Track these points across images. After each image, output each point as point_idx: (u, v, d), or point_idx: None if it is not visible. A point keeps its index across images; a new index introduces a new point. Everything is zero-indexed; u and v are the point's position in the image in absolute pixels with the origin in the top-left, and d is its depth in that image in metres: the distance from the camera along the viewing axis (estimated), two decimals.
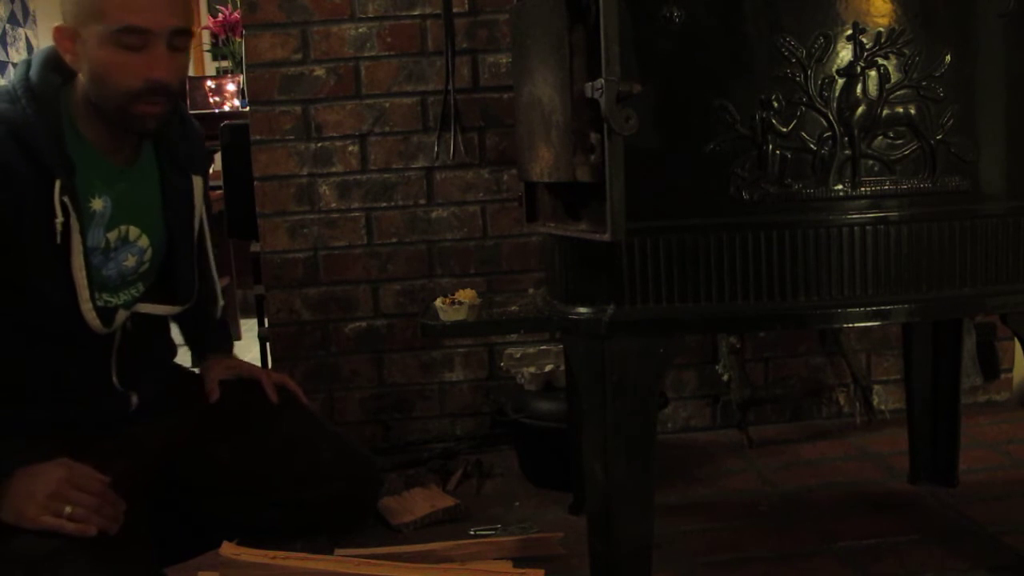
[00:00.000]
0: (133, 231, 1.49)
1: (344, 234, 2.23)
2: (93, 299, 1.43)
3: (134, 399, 1.56)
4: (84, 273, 1.39)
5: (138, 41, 1.31)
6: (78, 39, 1.34)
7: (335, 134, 2.21)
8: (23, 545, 1.28)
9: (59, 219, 1.34)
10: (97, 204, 1.43)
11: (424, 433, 2.29)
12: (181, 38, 1.37)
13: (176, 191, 1.55)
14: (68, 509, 1.29)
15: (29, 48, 4.87)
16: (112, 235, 1.47)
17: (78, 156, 1.39)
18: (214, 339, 1.78)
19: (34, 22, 5.26)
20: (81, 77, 1.38)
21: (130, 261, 1.50)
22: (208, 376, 1.68)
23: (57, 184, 1.34)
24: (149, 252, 1.53)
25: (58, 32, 1.35)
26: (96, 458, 1.40)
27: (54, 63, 1.41)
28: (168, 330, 1.71)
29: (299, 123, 2.20)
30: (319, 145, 2.21)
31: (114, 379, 1.53)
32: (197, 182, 1.58)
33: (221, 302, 1.79)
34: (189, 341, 1.81)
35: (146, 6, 1.30)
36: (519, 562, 1.56)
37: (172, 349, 1.74)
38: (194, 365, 1.78)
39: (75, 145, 1.40)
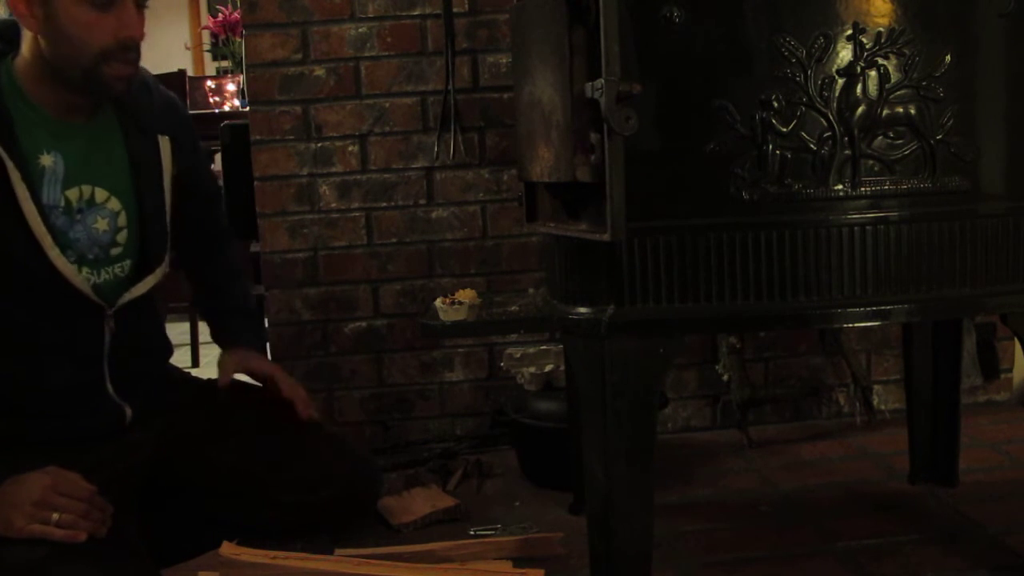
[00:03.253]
0: (100, 193, 1.48)
1: (344, 234, 2.23)
2: (65, 257, 1.41)
3: (128, 412, 1.54)
4: (40, 220, 1.38)
5: (110, 1, 1.35)
6: (36, 2, 1.34)
7: (335, 134, 2.21)
8: (15, 554, 1.27)
9: None
10: (46, 160, 1.41)
11: (424, 433, 2.29)
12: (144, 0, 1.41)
13: (141, 152, 1.53)
14: (55, 516, 1.28)
15: None
16: (72, 194, 1.45)
17: (20, 114, 1.39)
18: (238, 333, 1.75)
19: None
20: (38, 42, 1.38)
21: (101, 224, 1.48)
22: (222, 369, 1.67)
23: None
24: (123, 216, 1.51)
25: None
26: (87, 463, 1.40)
27: None
28: (161, 329, 1.70)
29: (299, 123, 2.20)
30: (319, 145, 2.21)
31: (108, 388, 1.51)
32: (164, 142, 1.56)
33: (241, 277, 1.79)
34: (215, 337, 1.79)
35: None
36: (519, 562, 1.56)
37: (167, 350, 1.72)
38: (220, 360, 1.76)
39: (17, 104, 1.40)
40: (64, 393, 1.47)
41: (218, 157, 2.54)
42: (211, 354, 3.63)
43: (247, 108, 2.24)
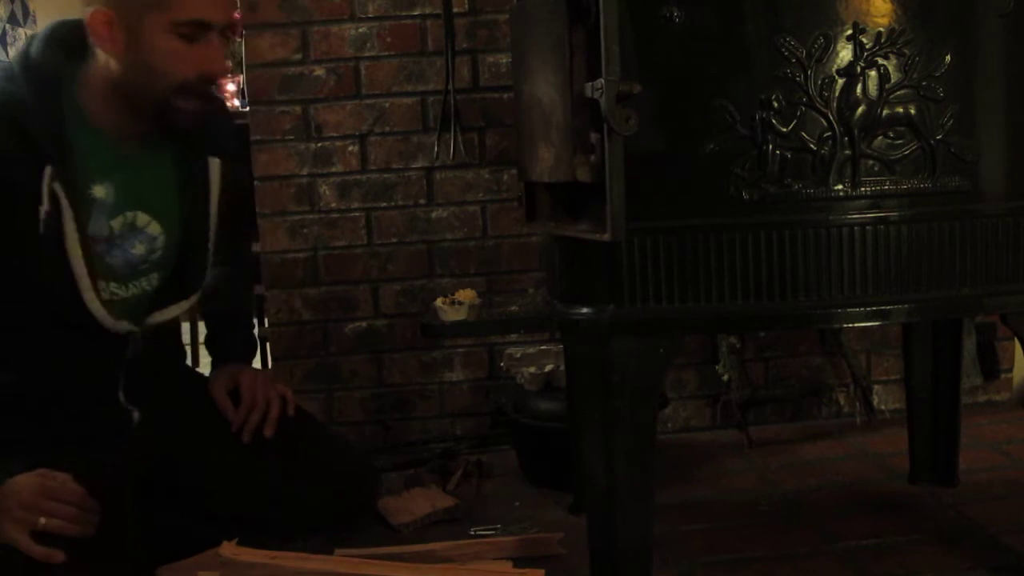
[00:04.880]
0: (142, 218, 1.43)
1: (344, 234, 2.23)
2: (97, 290, 1.37)
3: (136, 415, 1.53)
4: (82, 262, 1.33)
5: (197, 33, 1.29)
6: (123, 26, 1.28)
7: (335, 134, 2.21)
8: (7, 556, 1.26)
9: (43, 207, 1.27)
10: (99, 191, 1.37)
11: (424, 433, 2.29)
12: (230, 30, 1.36)
13: (190, 176, 1.48)
14: (42, 521, 1.26)
15: None
16: (116, 222, 1.40)
17: (80, 140, 1.33)
18: (231, 347, 1.72)
19: (34, 22, 5.26)
20: (109, 61, 1.31)
21: (138, 248, 1.44)
22: (215, 391, 1.64)
23: (47, 170, 1.27)
24: (162, 239, 1.47)
25: (97, 16, 1.29)
26: (90, 462, 1.39)
27: (60, 40, 1.35)
28: (179, 335, 1.69)
29: (299, 123, 2.20)
30: (319, 145, 2.21)
31: (120, 396, 1.50)
32: (214, 164, 1.50)
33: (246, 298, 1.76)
34: (209, 343, 1.77)
35: (212, 0, 1.30)
36: (519, 562, 1.56)
37: (182, 354, 1.71)
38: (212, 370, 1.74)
39: (77, 128, 1.34)
40: (75, 401, 1.45)
41: None
42: None
43: (247, 108, 2.24)
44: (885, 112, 1.25)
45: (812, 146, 1.25)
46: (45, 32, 1.36)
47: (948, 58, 1.26)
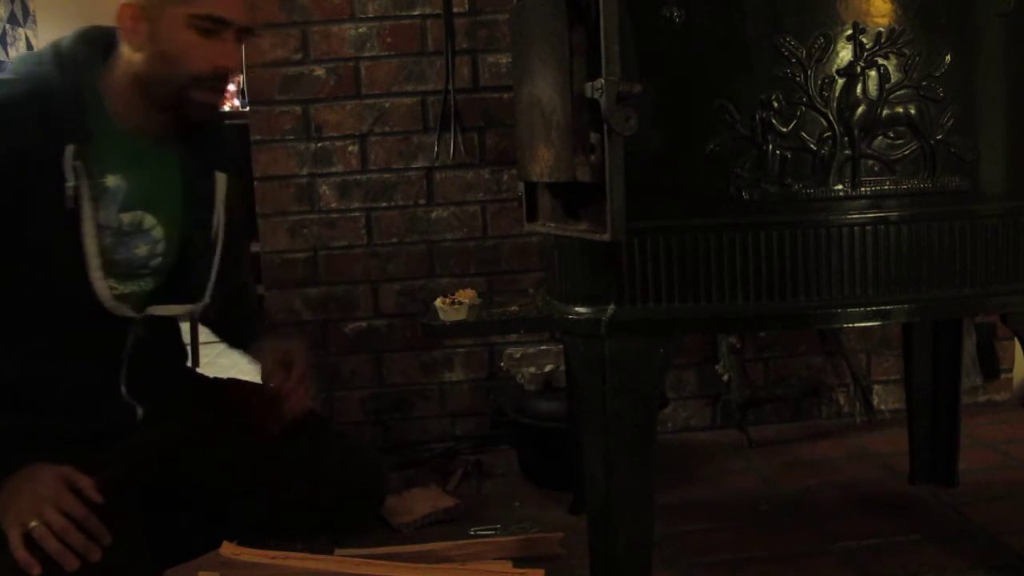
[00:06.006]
0: (148, 219, 1.48)
1: (344, 234, 2.23)
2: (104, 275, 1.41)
3: (139, 411, 1.54)
4: (95, 242, 1.38)
5: (213, 28, 1.36)
6: (146, 18, 1.36)
7: (335, 134, 2.21)
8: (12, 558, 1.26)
9: (70, 183, 1.34)
10: (111, 181, 1.42)
11: (424, 433, 2.29)
12: (247, 34, 1.43)
13: (198, 186, 1.54)
14: (33, 523, 1.26)
15: (29, 48, 4.87)
16: (126, 217, 1.45)
17: (98, 129, 1.39)
18: (255, 331, 1.74)
19: (34, 22, 5.25)
20: (133, 55, 1.39)
21: (141, 250, 1.49)
22: (263, 357, 1.63)
23: (69, 149, 1.34)
24: (163, 244, 1.51)
25: (126, 9, 1.37)
26: (97, 460, 1.40)
27: (88, 39, 1.43)
28: (179, 334, 1.70)
29: (299, 123, 2.20)
30: (319, 145, 2.21)
31: (122, 390, 1.52)
32: (220, 179, 1.57)
33: (253, 300, 1.79)
34: (232, 342, 1.77)
35: (233, 0, 1.37)
36: (519, 562, 1.56)
37: (183, 355, 1.72)
38: (250, 356, 1.72)
39: (97, 117, 1.40)
40: (78, 392, 1.47)
41: None
42: (211, 353, 3.63)
43: (247, 108, 2.25)
44: (885, 112, 1.25)
45: (812, 146, 1.25)
46: (78, 31, 1.44)
47: (948, 58, 1.26)
